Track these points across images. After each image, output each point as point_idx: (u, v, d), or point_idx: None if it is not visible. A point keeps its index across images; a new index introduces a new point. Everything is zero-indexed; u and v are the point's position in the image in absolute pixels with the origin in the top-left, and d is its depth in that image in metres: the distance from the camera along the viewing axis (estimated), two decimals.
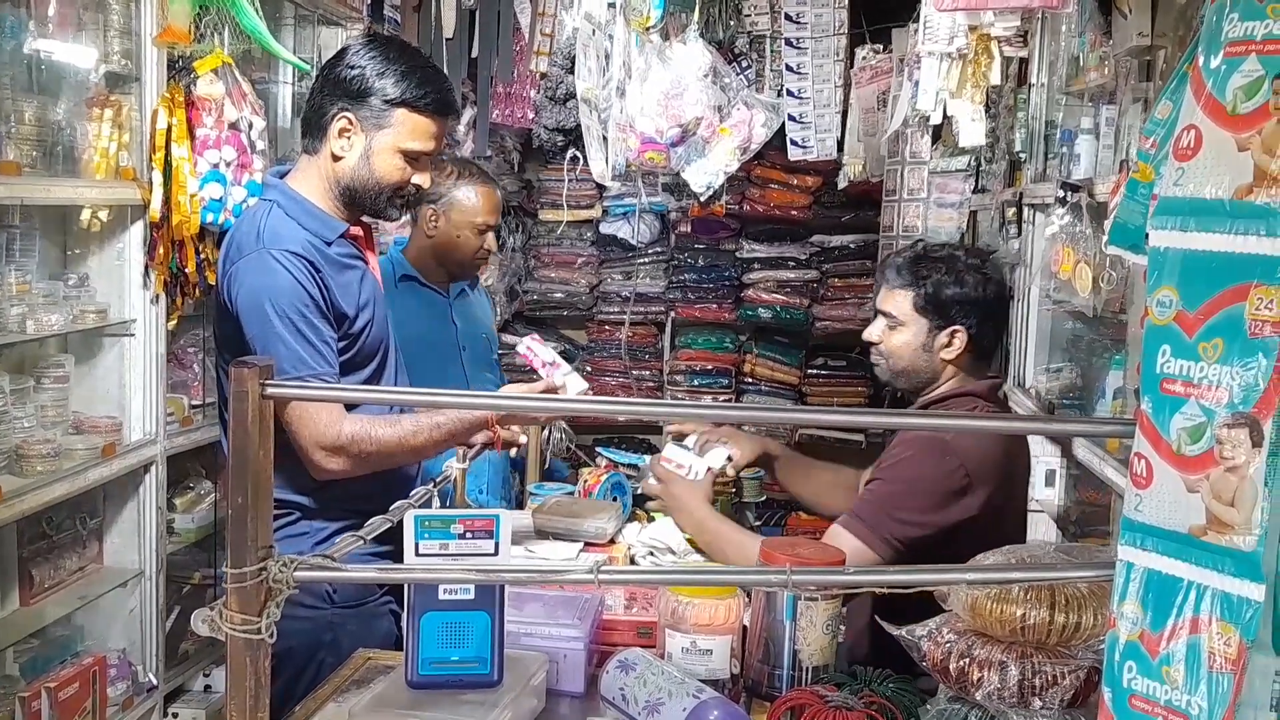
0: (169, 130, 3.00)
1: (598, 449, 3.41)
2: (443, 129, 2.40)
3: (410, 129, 2.32)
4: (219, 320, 2.39)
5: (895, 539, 2.31)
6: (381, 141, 2.31)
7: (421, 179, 2.38)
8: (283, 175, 2.43)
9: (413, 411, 2.39)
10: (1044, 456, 3.50)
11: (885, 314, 2.57)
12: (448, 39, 4.17)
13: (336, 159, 2.32)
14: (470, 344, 3.32)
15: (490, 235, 3.30)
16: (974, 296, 2.49)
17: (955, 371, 2.54)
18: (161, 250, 3.06)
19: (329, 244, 2.32)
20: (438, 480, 2.29)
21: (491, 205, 3.28)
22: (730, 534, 2.50)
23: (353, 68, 2.30)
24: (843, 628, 2.00)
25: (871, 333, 2.61)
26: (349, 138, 2.31)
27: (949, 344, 2.50)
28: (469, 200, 3.21)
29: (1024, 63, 3.78)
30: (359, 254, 2.42)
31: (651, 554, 2.54)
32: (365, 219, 2.48)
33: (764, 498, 3.66)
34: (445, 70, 3.56)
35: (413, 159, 2.35)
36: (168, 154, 3.01)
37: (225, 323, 2.33)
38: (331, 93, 2.31)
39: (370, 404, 2.37)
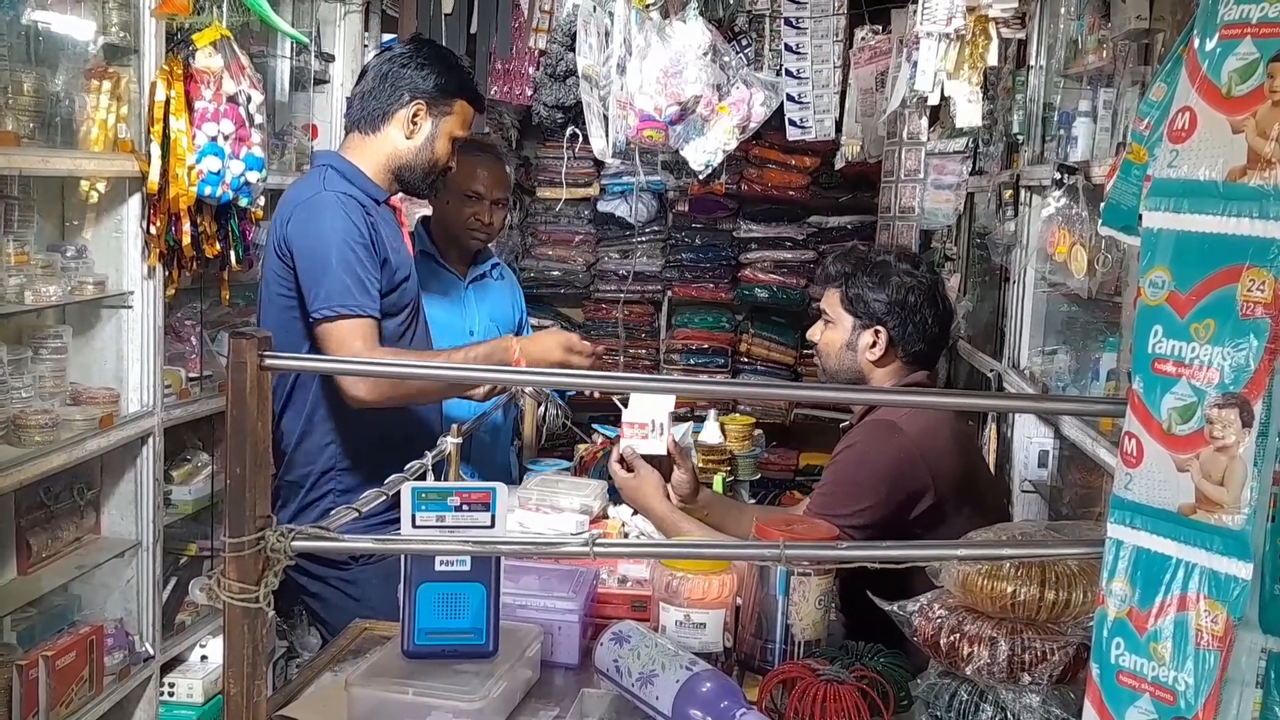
0: (167, 103, 3.00)
1: (594, 426, 3.41)
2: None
3: (464, 118, 2.74)
4: (270, 276, 2.60)
5: (853, 527, 2.27)
6: (444, 127, 2.70)
7: (454, 162, 2.78)
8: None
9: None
10: (1037, 437, 3.51)
11: (822, 311, 2.58)
12: (447, 15, 4.16)
13: (407, 138, 2.67)
14: (481, 329, 3.31)
15: (484, 207, 3.29)
16: (897, 297, 2.47)
17: (884, 377, 2.52)
18: (159, 223, 3.06)
19: (377, 204, 2.66)
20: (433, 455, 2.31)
21: (480, 175, 3.27)
22: (689, 529, 2.46)
23: (422, 65, 2.67)
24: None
25: (813, 333, 2.62)
26: (418, 122, 2.67)
27: (873, 344, 2.49)
28: (457, 166, 3.20)
29: (1022, 44, 3.78)
30: (398, 223, 2.77)
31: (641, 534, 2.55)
32: (400, 196, 2.82)
33: (759, 475, 3.68)
34: (445, 46, 3.56)
35: (455, 145, 2.74)
36: (166, 126, 3.00)
37: (278, 270, 2.56)
38: (402, 83, 2.66)
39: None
